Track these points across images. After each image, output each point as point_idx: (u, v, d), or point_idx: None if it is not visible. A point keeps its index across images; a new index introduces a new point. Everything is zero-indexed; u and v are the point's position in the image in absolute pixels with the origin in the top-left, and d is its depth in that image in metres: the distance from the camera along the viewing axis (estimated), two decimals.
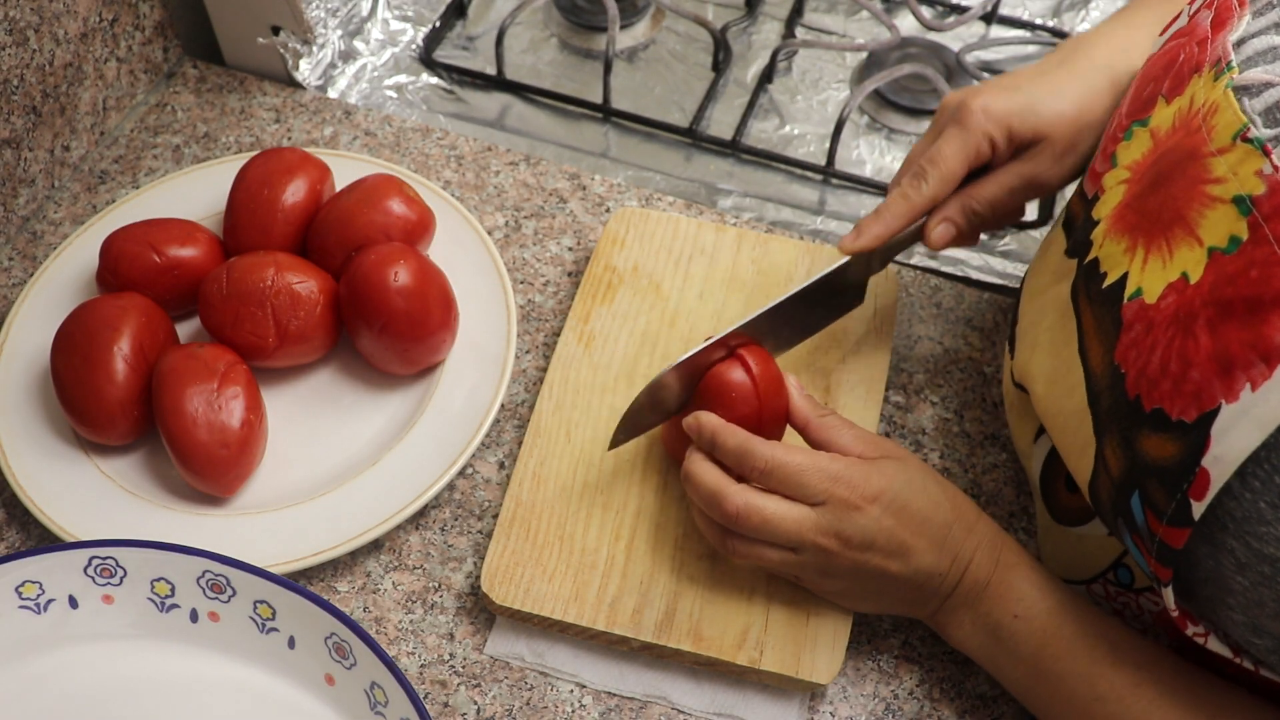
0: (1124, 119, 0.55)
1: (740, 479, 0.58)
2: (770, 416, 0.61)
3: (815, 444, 0.60)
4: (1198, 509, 0.45)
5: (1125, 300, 0.50)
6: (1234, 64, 0.47)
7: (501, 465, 0.69)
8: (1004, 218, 0.66)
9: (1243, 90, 0.46)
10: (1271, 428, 0.42)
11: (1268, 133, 0.44)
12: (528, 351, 0.74)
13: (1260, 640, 0.47)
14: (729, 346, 0.62)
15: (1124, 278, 0.50)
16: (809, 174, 0.87)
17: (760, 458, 0.57)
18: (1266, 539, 0.43)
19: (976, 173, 0.64)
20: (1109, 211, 0.54)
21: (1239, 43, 0.48)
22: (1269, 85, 0.45)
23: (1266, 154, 0.44)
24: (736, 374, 0.60)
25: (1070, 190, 0.64)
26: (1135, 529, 0.49)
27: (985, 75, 0.90)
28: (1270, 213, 0.43)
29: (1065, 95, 0.62)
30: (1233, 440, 0.43)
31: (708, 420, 0.59)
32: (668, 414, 0.63)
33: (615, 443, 0.62)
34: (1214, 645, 0.49)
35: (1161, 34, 0.56)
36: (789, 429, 0.62)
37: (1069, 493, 0.60)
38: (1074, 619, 0.56)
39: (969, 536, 0.57)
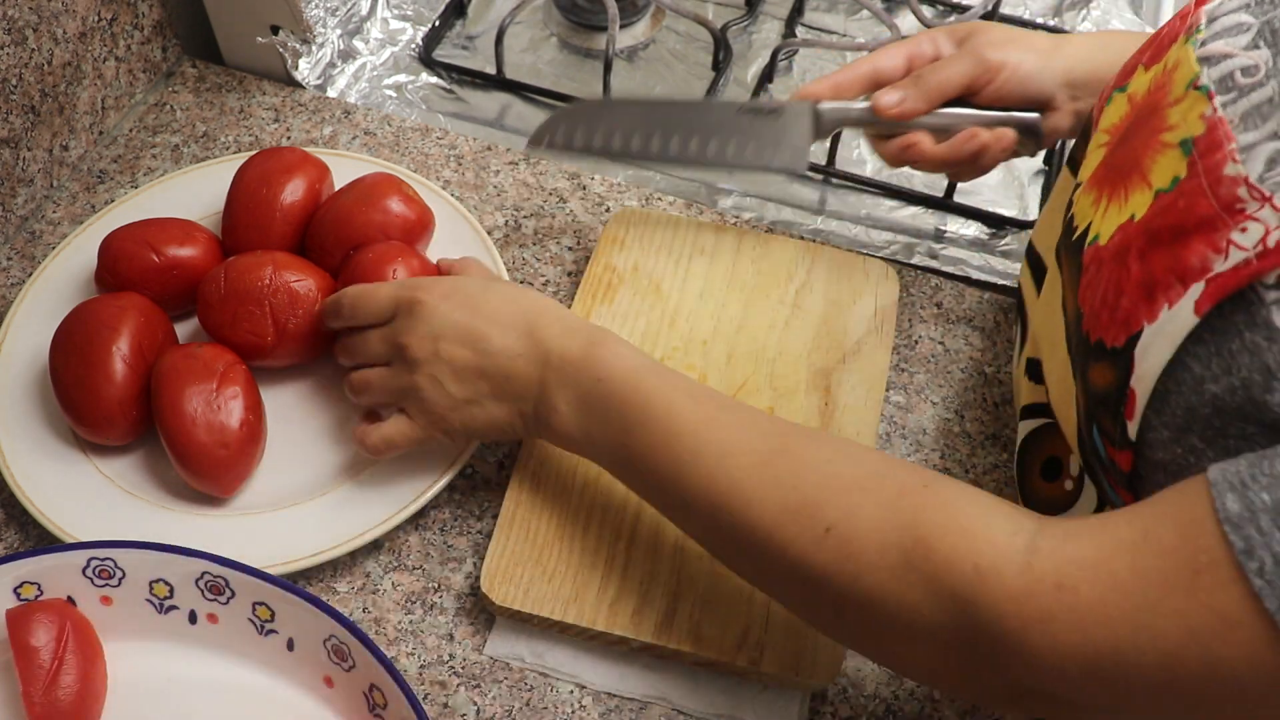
0: (1109, 90, 0.58)
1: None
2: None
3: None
4: (1132, 429, 0.47)
5: (1085, 246, 0.52)
6: (1201, 27, 0.50)
7: (501, 465, 0.69)
8: (963, 117, 0.68)
9: (1204, 60, 0.48)
10: (1179, 340, 0.44)
11: (1214, 75, 0.47)
12: None
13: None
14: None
15: (1089, 227, 0.53)
16: (809, 174, 0.86)
17: (344, 295, 0.64)
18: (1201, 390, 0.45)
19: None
20: (1089, 175, 0.56)
21: (1212, 17, 0.50)
22: (1226, 57, 0.47)
23: (1210, 98, 0.46)
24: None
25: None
26: (1102, 464, 0.51)
27: None
28: (1205, 150, 0.45)
29: (1051, 55, 0.67)
30: (1151, 357, 0.45)
31: (327, 301, 0.66)
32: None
33: (531, 145, 0.70)
34: None
35: None
36: None
37: (1044, 481, 0.61)
38: (654, 373, 0.57)
39: (560, 322, 0.60)
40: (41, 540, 0.66)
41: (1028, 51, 0.66)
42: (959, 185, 0.84)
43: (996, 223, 0.84)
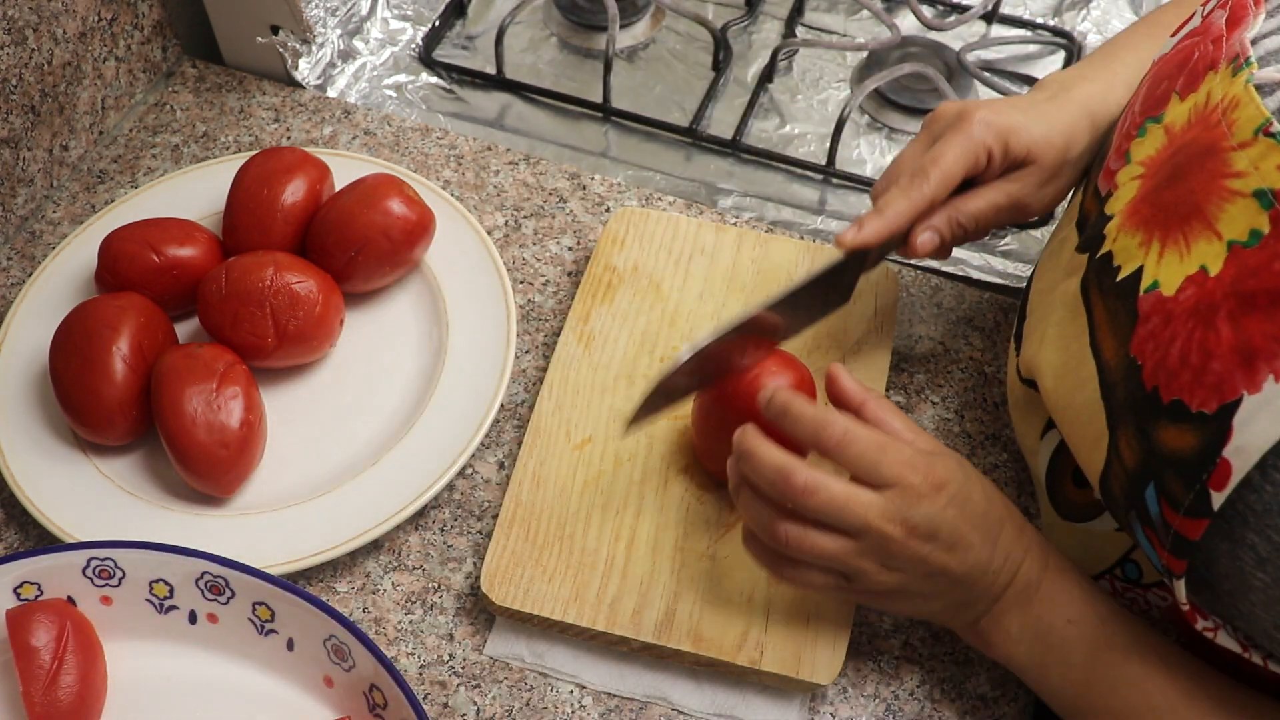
0: (1137, 116, 0.55)
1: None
2: None
3: (872, 422, 0.58)
4: (1217, 499, 0.45)
5: (1141, 293, 0.50)
6: (1252, 59, 0.47)
7: (501, 465, 0.69)
8: (982, 234, 0.67)
9: (1265, 90, 0.46)
10: None
11: (1275, 103, 0.44)
12: (527, 351, 0.74)
13: None
14: (751, 345, 0.61)
15: (1139, 270, 0.50)
16: (809, 173, 0.86)
17: (839, 426, 0.54)
18: None
19: (963, 186, 0.65)
20: (1123, 206, 0.54)
21: (1254, 41, 0.48)
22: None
23: None
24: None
25: (1071, 196, 0.65)
26: (1149, 521, 0.49)
27: (986, 75, 0.89)
28: None
29: (1054, 125, 0.63)
30: (1255, 431, 0.43)
31: (783, 387, 0.57)
32: (684, 394, 0.62)
33: (632, 425, 0.60)
34: (1223, 640, 0.49)
35: (1173, 35, 0.57)
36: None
37: (1076, 488, 0.60)
38: (1127, 627, 0.55)
39: (1020, 536, 0.57)
40: (41, 540, 0.66)
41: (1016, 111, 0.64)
42: None
43: None
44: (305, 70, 0.87)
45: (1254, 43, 0.48)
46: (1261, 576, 0.45)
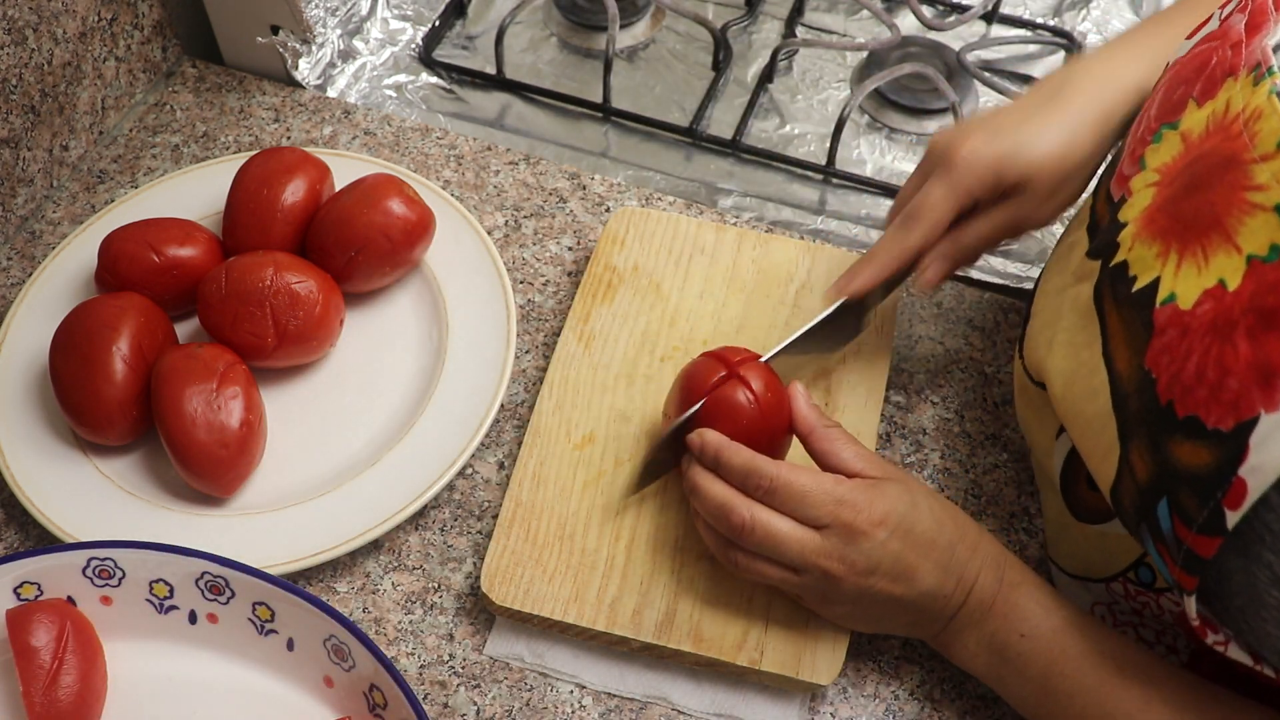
0: (1152, 122, 0.55)
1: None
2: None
3: (816, 454, 0.59)
4: (1232, 518, 0.44)
5: (1158, 305, 0.49)
6: (1275, 69, 0.47)
7: (501, 465, 0.69)
8: (990, 251, 0.67)
9: None
10: None
11: None
12: (528, 351, 0.74)
13: None
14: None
15: (1155, 282, 0.50)
16: (809, 173, 0.86)
17: (765, 476, 0.56)
18: None
19: (966, 211, 0.65)
20: (1137, 214, 0.53)
21: (1277, 48, 0.47)
22: None
23: None
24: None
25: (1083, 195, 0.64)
26: (1160, 536, 0.48)
27: (986, 75, 0.89)
28: None
29: (1050, 138, 0.62)
30: (1273, 450, 0.42)
31: (711, 438, 0.59)
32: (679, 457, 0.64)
33: (636, 489, 0.65)
34: (1234, 653, 0.48)
35: (1189, 37, 0.56)
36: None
37: (1090, 490, 0.60)
38: (1081, 636, 0.56)
39: (973, 556, 0.57)
40: (41, 540, 0.66)
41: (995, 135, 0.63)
42: None
43: None
44: (305, 70, 0.87)
45: (1277, 50, 0.47)
46: (1276, 594, 0.44)
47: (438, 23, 0.93)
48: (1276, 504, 0.43)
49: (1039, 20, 0.98)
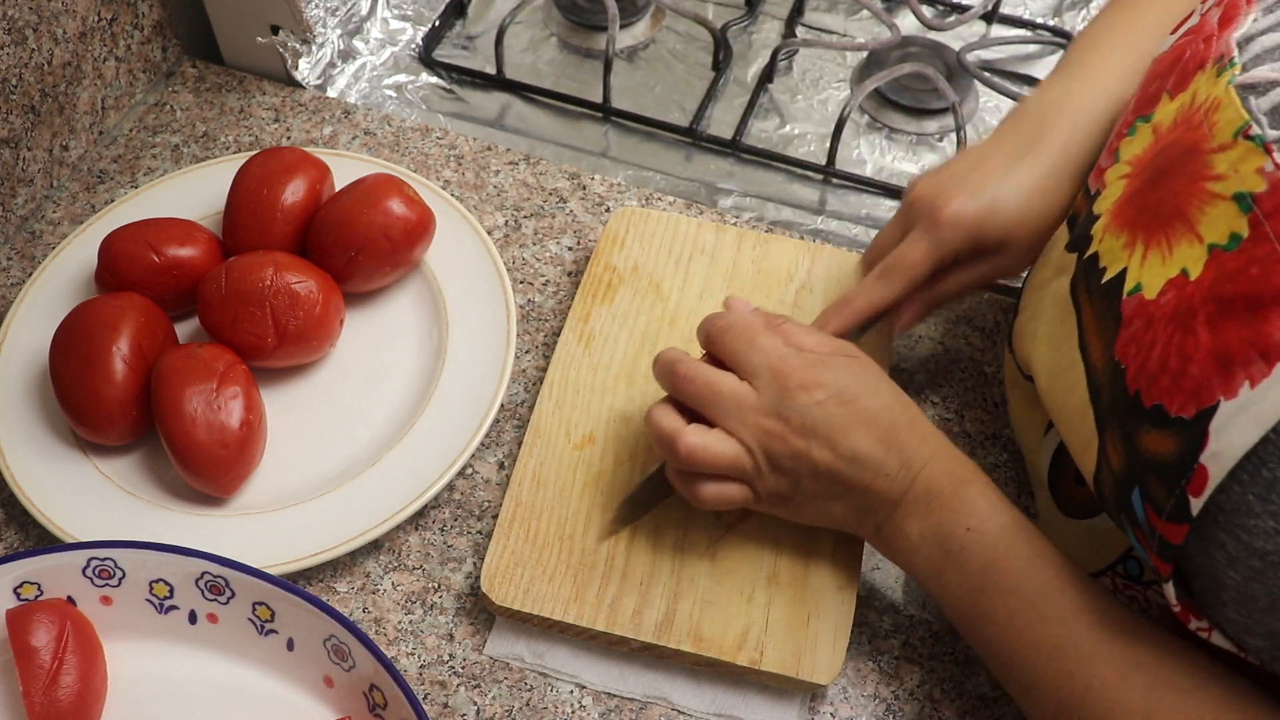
0: (1130, 115, 0.55)
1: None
2: None
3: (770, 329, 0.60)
4: (1196, 505, 0.45)
5: (1125, 295, 0.50)
6: (1236, 61, 0.47)
7: (501, 465, 0.69)
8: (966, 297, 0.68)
9: (1248, 89, 0.46)
10: (1269, 424, 0.42)
11: (1272, 134, 0.44)
12: (527, 351, 0.74)
13: (1253, 640, 0.47)
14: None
15: (1123, 273, 0.50)
16: (809, 173, 0.86)
17: (717, 321, 0.59)
18: (1255, 532, 0.43)
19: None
20: (1109, 206, 0.54)
21: (1246, 40, 0.48)
22: (1276, 84, 0.45)
23: (1268, 152, 0.44)
24: None
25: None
26: (1136, 524, 0.49)
27: (986, 75, 0.89)
28: (1271, 210, 0.43)
29: (1029, 192, 0.62)
30: (1231, 437, 0.43)
31: (667, 354, 0.60)
32: (659, 499, 0.64)
33: (612, 531, 0.64)
34: (1218, 640, 0.49)
35: (1172, 32, 0.56)
36: None
37: (1077, 485, 0.60)
38: (1026, 538, 0.56)
39: (921, 445, 0.57)
40: (41, 540, 0.66)
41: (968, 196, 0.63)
42: None
43: None
44: (305, 70, 0.87)
45: (1245, 43, 0.48)
46: (1233, 575, 0.45)
47: (438, 23, 0.93)
48: (1227, 485, 0.43)
49: (1039, 20, 0.98)
